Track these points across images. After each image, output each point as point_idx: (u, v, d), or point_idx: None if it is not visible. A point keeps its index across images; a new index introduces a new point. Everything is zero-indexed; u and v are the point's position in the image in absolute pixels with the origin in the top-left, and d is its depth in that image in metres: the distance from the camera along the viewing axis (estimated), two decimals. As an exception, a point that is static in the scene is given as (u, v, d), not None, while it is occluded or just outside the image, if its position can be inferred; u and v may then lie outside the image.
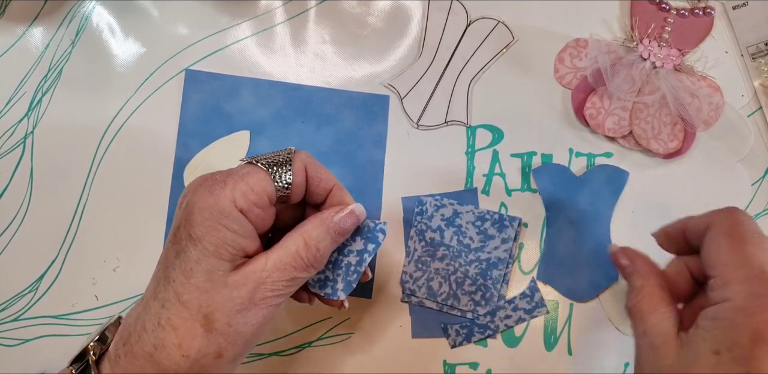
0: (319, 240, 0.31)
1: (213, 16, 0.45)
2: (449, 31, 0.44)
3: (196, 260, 0.29)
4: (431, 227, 0.42)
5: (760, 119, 0.44)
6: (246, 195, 0.30)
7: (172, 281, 0.29)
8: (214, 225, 0.29)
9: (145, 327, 0.29)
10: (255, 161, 0.31)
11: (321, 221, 0.32)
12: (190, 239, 0.29)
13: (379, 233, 0.36)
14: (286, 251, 0.31)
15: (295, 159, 0.32)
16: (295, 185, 0.32)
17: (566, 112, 0.44)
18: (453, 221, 0.42)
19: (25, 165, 0.44)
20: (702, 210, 0.43)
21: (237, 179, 0.30)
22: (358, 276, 0.36)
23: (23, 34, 0.45)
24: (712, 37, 0.44)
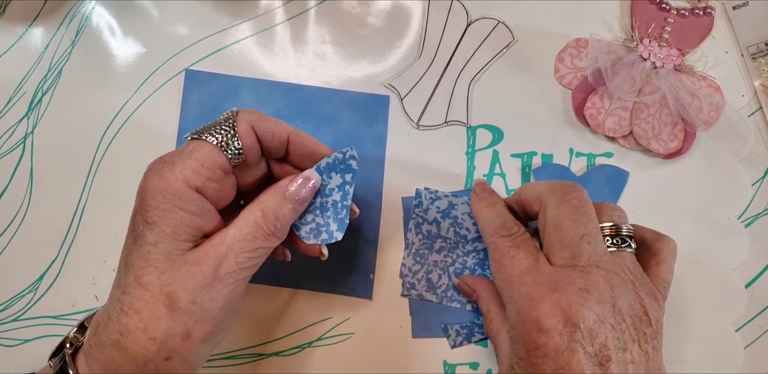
0: (276, 209, 0.31)
1: (213, 16, 0.45)
2: (449, 31, 0.44)
3: (153, 243, 0.29)
4: (427, 220, 0.42)
5: (760, 119, 0.44)
6: (197, 172, 0.29)
7: (131, 266, 0.29)
8: (169, 208, 0.29)
9: (110, 315, 0.29)
10: (198, 135, 0.31)
11: (276, 191, 0.32)
12: (146, 224, 0.29)
13: (351, 161, 0.35)
14: (245, 221, 0.30)
15: (239, 121, 0.31)
16: (247, 148, 0.31)
17: (566, 112, 0.44)
18: (449, 213, 0.42)
19: (25, 165, 0.44)
20: (702, 210, 0.43)
21: (185, 158, 0.30)
22: (348, 211, 0.35)
23: (23, 34, 0.45)
24: (712, 37, 0.44)
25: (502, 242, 0.35)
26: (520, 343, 0.31)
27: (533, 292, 0.31)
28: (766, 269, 0.43)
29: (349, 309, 0.42)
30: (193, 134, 0.31)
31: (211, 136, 0.30)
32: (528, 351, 0.30)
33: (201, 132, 0.31)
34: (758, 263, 0.43)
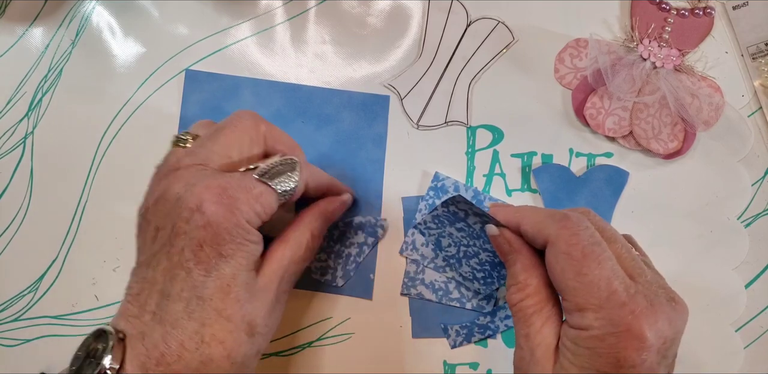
0: (320, 230, 0.36)
1: (213, 17, 0.45)
2: (449, 31, 0.44)
3: (231, 276, 0.30)
4: None
5: (760, 119, 0.44)
6: (258, 216, 0.31)
7: (209, 299, 0.30)
8: (242, 242, 0.30)
9: (184, 346, 0.29)
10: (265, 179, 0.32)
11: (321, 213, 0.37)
12: (221, 257, 0.30)
13: (379, 229, 0.42)
14: (299, 245, 0.34)
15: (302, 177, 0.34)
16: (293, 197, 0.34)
17: (566, 112, 0.44)
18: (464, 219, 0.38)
19: (25, 165, 0.44)
20: (702, 210, 0.43)
21: (252, 201, 0.31)
22: (357, 266, 0.41)
23: (23, 34, 0.45)
24: (712, 37, 0.44)
25: None
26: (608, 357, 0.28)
27: (631, 304, 0.29)
28: (766, 269, 0.43)
29: (349, 309, 0.42)
30: (260, 175, 0.32)
31: (281, 186, 0.32)
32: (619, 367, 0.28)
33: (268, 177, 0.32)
34: (758, 263, 0.43)
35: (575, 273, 0.29)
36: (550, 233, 0.31)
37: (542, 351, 0.31)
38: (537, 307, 0.32)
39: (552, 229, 0.31)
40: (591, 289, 0.29)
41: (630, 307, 0.29)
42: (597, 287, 0.29)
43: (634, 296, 0.29)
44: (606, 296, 0.29)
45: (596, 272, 0.29)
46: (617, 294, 0.29)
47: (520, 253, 0.33)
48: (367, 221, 0.42)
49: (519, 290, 0.33)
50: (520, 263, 0.33)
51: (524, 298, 0.32)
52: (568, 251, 0.30)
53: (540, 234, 0.31)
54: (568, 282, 0.30)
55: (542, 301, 0.32)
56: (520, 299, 0.32)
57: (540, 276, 0.32)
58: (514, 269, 0.33)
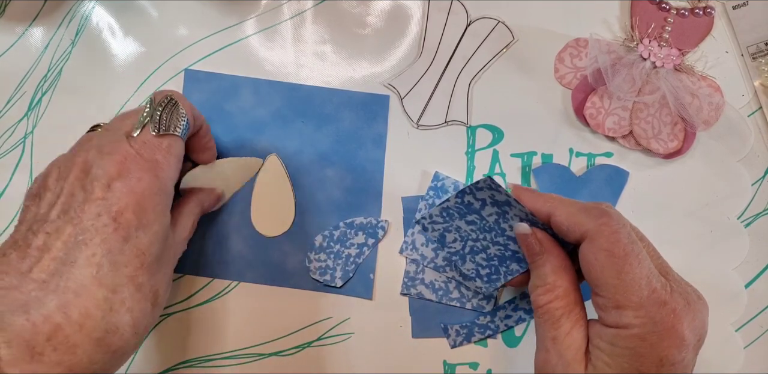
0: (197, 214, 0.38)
1: (213, 16, 0.45)
2: (449, 31, 0.44)
3: (147, 244, 0.30)
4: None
5: (760, 118, 0.44)
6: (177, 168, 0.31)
7: (123, 266, 0.29)
8: (163, 209, 0.30)
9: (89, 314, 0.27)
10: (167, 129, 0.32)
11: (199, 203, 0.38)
12: (141, 227, 0.29)
13: (380, 230, 0.42)
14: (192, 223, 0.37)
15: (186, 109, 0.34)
16: None
17: (566, 112, 0.44)
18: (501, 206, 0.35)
19: (25, 165, 0.44)
20: (702, 210, 0.43)
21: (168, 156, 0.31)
22: (356, 267, 0.41)
23: (23, 34, 0.45)
24: (712, 36, 0.44)
25: None
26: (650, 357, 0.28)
27: (672, 302, 0.29)
28: (766, 269, 0.43)
29: (349, 308, 0.42)
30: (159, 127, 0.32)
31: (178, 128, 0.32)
32: (661, 366, 0.28)
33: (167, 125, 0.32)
34: (758, 263, 0.43)
35: (617, 272, 0.29)
36: (589, 229, 0.30)
37: (572, 353, 0.30)
38: (566, 309, 0.31)
39: (591, 225, 0.30)
40: (632, 287, 0.29)
41: (671, 306, 0.29)
42: (638, 285, 0.29)
43: (671, 294, 0.29)
44: (647, 294, 0.29)
45: (637, 270, 0.29)
46: (657, 292, 0.29)
47: (551, 254, 0.33)
48: (368, 223, 0.42)
49: (548, 291, 0.32)
50: (550, 265, 0.32)
51: (553, 300, 0.31)
52: (609, 249, 0.29)
53: (576, 228, 0.31)
54: (609, 280, 0.29)
55: (571, 303, 0.31)
56: (548, 300, 0.32)
57: (569, 278, 0.32)
58: (543, 270, 0.32)
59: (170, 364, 0.43)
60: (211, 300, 0.43)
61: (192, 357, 0.42)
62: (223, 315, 0.42)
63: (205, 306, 0.43)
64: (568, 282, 0.32)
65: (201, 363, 0.42)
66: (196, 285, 0.43)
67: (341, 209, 0.43)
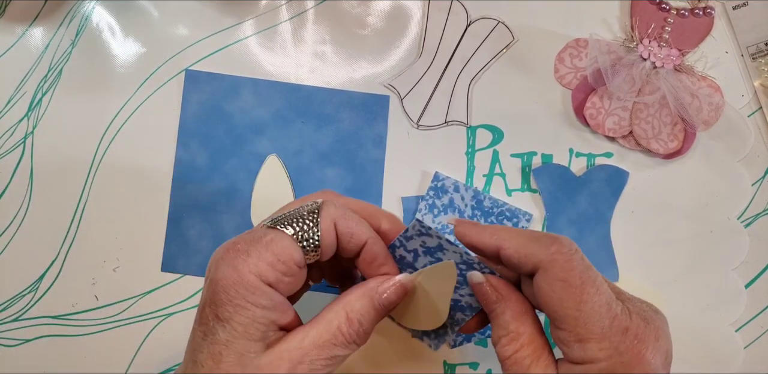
0: (362, 314, 0.29)
1: (213, 16, 0.45)
2: (449, 31, 0.44)
3: (224, 342, 0.26)
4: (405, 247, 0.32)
5: (760, 119, 0.44)
6: (273, 266, 0.27)
7: (200, 366, 0.27)
8: (241, 303, 0.27)
9: None
10: (277, 225, 0.29)
11: (365, 293, 0.29)
12: (218, 321, 0.27)
13: None
14: (327, 326, 0.28)
15: (323, 216, 0.29)
16: (325, 246, 0.29)
17: (566, 112, 0.44)
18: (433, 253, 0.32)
19: (25, 165, 0.44)
20: (702, 210, 0.43)
21: (261, 249, 0.27)
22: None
23: (23, 34, 0.45)
24: (712, 37, 0.44)
25: None
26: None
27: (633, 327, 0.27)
28: (766, 269, 0.43)
29: (349, 309, 0.42)
30: (271, 221, 0.29)
31: (292, 228, 0.28)
32: None
33: (280, 222, 0.29)
34: (758, 263, 0.43)
35: (576, 302, 0.27)
36: (541, 259, 0.28)
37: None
38: (534, 356, 0.29)
39: (543, 254, 0.28)
40: (593, 317, 0.27)
41: (633, 331, 0.27)
42: (599, 314, 0.27)
43: (631, 317, 0.27)
44: (608, 323, 0.27)
45: (596, 299, 0.27)
46: (618, 318, 0.27)
47: (509, 300, 0.30)
48: None
49: (512, 340, 0.29)
50: (510, 311, 0.29)
51: (519, 349, 0.29)
52: (565, 279, 0.27)
53: (528, 260, 0.28)
54: (568, 311, 0.27)
55: (539, 349, 0.29)
56: (515, 350, 0.29)
57: (532, 322, 0.29)
58: (504, 318, 0.29)
59: (170, 364, 0.43)
60: (211, 300, 0.43)
61: (192, 357, 0.42)
62: (223, 315, 0.42)
63: (205, 306, 0.43)
64: (532, 327, 0.29)
65: (201, 363, 0.42)
66: (196, 285, 0.43)
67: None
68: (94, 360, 0.43)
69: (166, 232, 0.43)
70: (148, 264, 0.43)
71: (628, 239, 0.43)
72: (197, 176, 0.43)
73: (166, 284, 0.43)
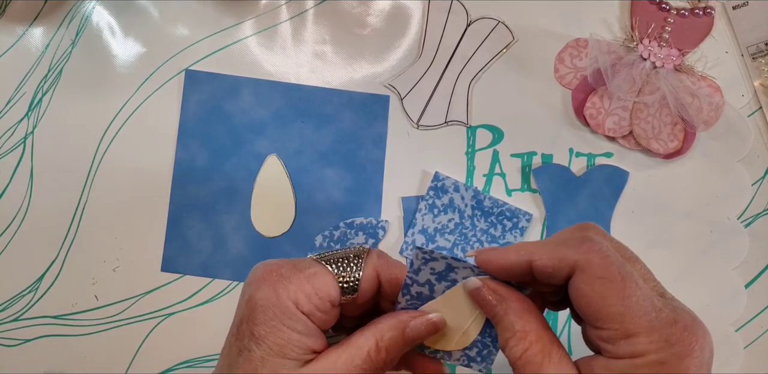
0: (391, 344, 0.29)
1: (213, 16, 0.45)
2: (449, 31, 0.44)
3: (260, 359, 0.28)
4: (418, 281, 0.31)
5: (760, 119, 0.44)
6: (309, 299, 0.28)
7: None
8: (277, 325, 0.28)
9: None
10: (325, 261, 0.30)
11: (397, 325, 0.29)
12: (253, 338, 0.28)
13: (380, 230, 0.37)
14: (358, 351, 0.29)
15: (367, 264, 0.30)
16: (363, 291, 0.30)
17: (566, 112, 0.44)
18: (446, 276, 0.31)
19: (25, 165, 0.44)
20: (702, 210, 0.43)
21: (302, 280, 0.29)
22: None
23: (23, 34, 0.45)
24: (712, 37, 0.44)
25: None
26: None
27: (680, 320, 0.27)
28: (766, 269, 0.43)
29: (349, 309, 0.42)
30: (319, 256, 0.30)
31: (337, 268, 0.30)
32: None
33: (328, 259, 0.30)
34: (758, 263, 0.43)
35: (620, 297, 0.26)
36: (577, 260, 0.27)
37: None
38: (544, 353, 0.28)
39: (576, 255, 0.27)
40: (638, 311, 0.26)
41: (682, 323, 0.27)
42: (644, 308, 0.26)
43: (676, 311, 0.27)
44: (655, 316, 0.26)
45: (639, 293, 0.26)
46: (663, 311, 0.27)
47: (510, 299, 0.29)
48: (369, 223, 0.42)
49: (520, 340, 0.28)
50: (513, 311, 0.29)
51: (528, 347, 0.28)
52: (605, 276, 0.26)
53: (562, 264, 0.27)
54: (612, 308, 0.26)
55: (547, 345, 0.28)
56: (524, 349, 0.28)
57: (537, 320, 0.29)
58: (508, 320, 0.29)
59: (170, 364, 0.43)
60: (211, 300, 0.43)
61: (192, 357, 0.42)
62: (223, 315, 0.42)
63: (205, 306, 0.43)
64: (537, 324, 0.29)
65: (201, 363, 0.42)
66: (196, 285, 0.43)
67: (341, 210, 0.43)
68: (94, 360, 0.43)
69: (166, 232, 0.43)
70: (148, 264, 0.43)
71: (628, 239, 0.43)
72: (197, 176, 0.43)
73: (166, 284, 0.43)
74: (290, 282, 0.28)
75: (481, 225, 0.43)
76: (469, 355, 0.31)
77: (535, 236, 0.43)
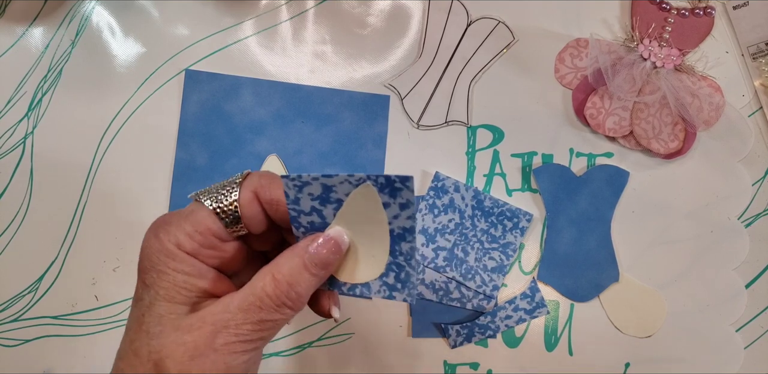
0: (291, 275, 0.27)
1: (213, 16, 0.45)
2: (449, 31, 0.44)
3: (147, 305, 0.27)
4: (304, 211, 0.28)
5: (760, 118, 0.44)
6: (190, 236, 0.27)
7: (128, 330, 0.27)
8: (163, 269, 0.27)
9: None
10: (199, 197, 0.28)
11: (294, 254, 0.27)
12: (144, 287, 0.27)
13: None
14: (252, 289, 0.27)
15: (243, 186, 0.28)
16: (247, 217, 0.28)
17: (567, 112, 0.44)
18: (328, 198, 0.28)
19: (25, 165, 0.44)
20: (702, 210, 0.43)
21: (181, 220, 0.27)
22: None
23: (23, 34, 0.45)
24: (712, 37, 0.44)
25: None
26: None
27: None
28: (766, 269, 0.43)
29: (349, 309, 0.42)
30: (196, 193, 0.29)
31: (209, 200, 0.28)
32: None
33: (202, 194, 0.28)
34: (758, 263, 0.43)
35: None
36: None
37: None
38: None
39: None
40: None
41: None
42: None
43: None
44: None
45: None
46: None
47: None
48: None
49: None
50: None
51: None
52: None
53: None
54: None
55: None
56: None
57: None
58: None
59: (170, 364, 0.43)
60: (211, 300, 0.43)
61: (192, 357, 0.42)
62: (223, 315, 0.42)
63: (205, 306, 0.43)
64: None
65: (201, 363, 0.42)
66: (196, 285, 0.43)
67: (341, 210, 0.43)
68: (94, 360, 0.43)
69: (166, 232, 0.43)
70: (148, 264, 0.43)
71: (628, 239, 0.43)
72: (197, 176, 0.43)
73: (166, 284, 0.43)
74: (170, 226, 0.27)
75: (481, 225, 0.43)
76: (387, 283, 0.29)
77: (535, 236, 0.43)
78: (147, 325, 0.26)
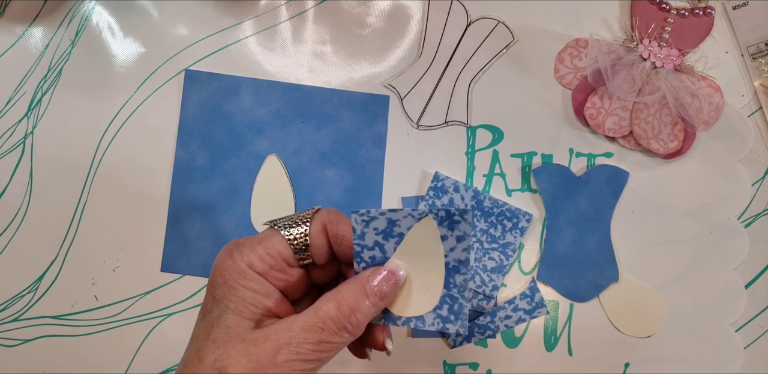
0: (353, 303, 0.29)
1: (213, 16, 0.45)
2: (449, 31, 0.44)
3: (217, 316, 0.29)
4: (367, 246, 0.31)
5: (760, 119, 0.44)
6: (262, 259, 0.30)
7: (194, 339, 0.29)
8: (233, 285, 0.29)
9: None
10: (274, 224, 0.31)
11: (356, 282, 0.30)
12: (214, 300, 0.29)
13: None
14: (316, 311, 0.29)
15: (314, 219, 0.31)
16: (315, 247, 0.31)
17: (566, 112, 0.44)
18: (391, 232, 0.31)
19: (25, 165, 0.44)
20: (702, 210, 0.43)
21: (254, 243, 0.30)
22: None
23: (23, 34, 0.45)
24: (712, 37, 0.44)
25: None
26: None
27: None
28: (766, 269, 0.43)
29: (349, 309, 0.42)
30: (271, 221, 0.31)
31: (284, 228, 0.31)
32: None
33: (277, 222, 0.31)
34: (758, 263, 0.43)
35: None
36: None
37: None
38: None
39: None
40: None
41: None
42: None
43: None
44: None
45: None
46: None
47: None
48: None
49: None
50: None
51: None
52: None
53: None
54: None
55: None
56: None
57: None
58: None
59: (170, 364, 0.43)
60: (211, 300, 0.43)
61: (192, 357, 0.42)
62: (223, 315, 0.42)
63: (205, 306, 0.43)
64: None
65: (201, 363, 0.42)
66: (196, 285, 0.43)
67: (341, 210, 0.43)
68: (94, 360, 0.43)
69: (165, 232, 0.43)
70: (148, 264, 0.43)
71: (628, 240, 0.43)
72: (197, 176, 0.43)
73: (165, 284, 0.43)
74: (244, 248, 0.30)
75: (481, 225, 0.43)
76: (441, 315, 0.30)
77: (535, 236, 0.43)
78: (215, 335, 0.28)
